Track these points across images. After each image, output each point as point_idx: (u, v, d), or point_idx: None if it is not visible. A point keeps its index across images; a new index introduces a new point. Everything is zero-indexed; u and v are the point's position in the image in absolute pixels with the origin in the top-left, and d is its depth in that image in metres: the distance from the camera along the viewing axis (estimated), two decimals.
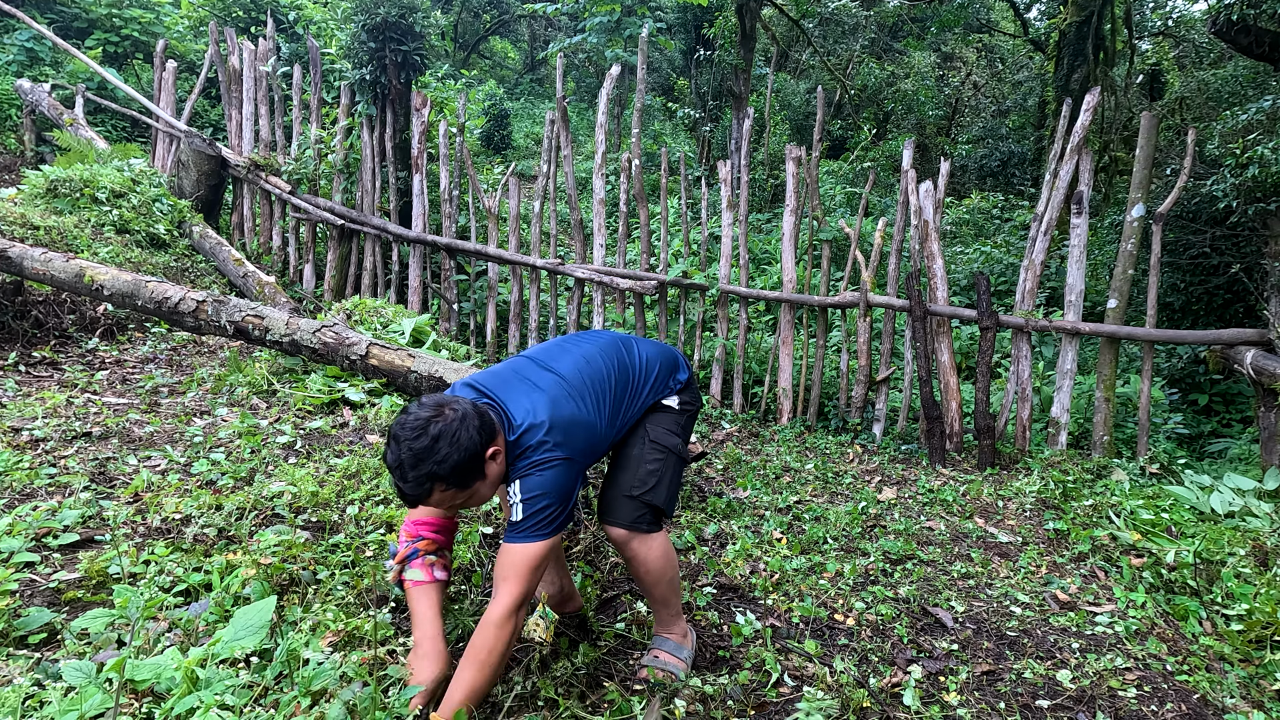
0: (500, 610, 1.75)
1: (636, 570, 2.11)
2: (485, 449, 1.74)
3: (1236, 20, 5.78)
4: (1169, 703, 2.27)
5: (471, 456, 1.71)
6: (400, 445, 1.69)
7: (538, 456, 1.82)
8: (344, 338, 4.22)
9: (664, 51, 17.11)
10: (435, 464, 1.67)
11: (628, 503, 2.06)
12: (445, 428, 1.69)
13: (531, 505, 1.79)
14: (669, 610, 2.22)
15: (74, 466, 2.82)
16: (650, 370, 2.21)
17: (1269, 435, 4.09)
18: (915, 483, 4.24)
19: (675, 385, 2.26)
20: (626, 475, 2.09)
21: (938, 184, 5.04)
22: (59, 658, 1.84)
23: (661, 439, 2.13)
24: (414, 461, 1.67)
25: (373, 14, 6.84)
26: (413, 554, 1.90)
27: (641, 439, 2.14)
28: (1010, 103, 16.70)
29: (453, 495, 1.75)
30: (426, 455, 1.67)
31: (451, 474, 1.70)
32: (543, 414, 1.86)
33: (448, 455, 1.68)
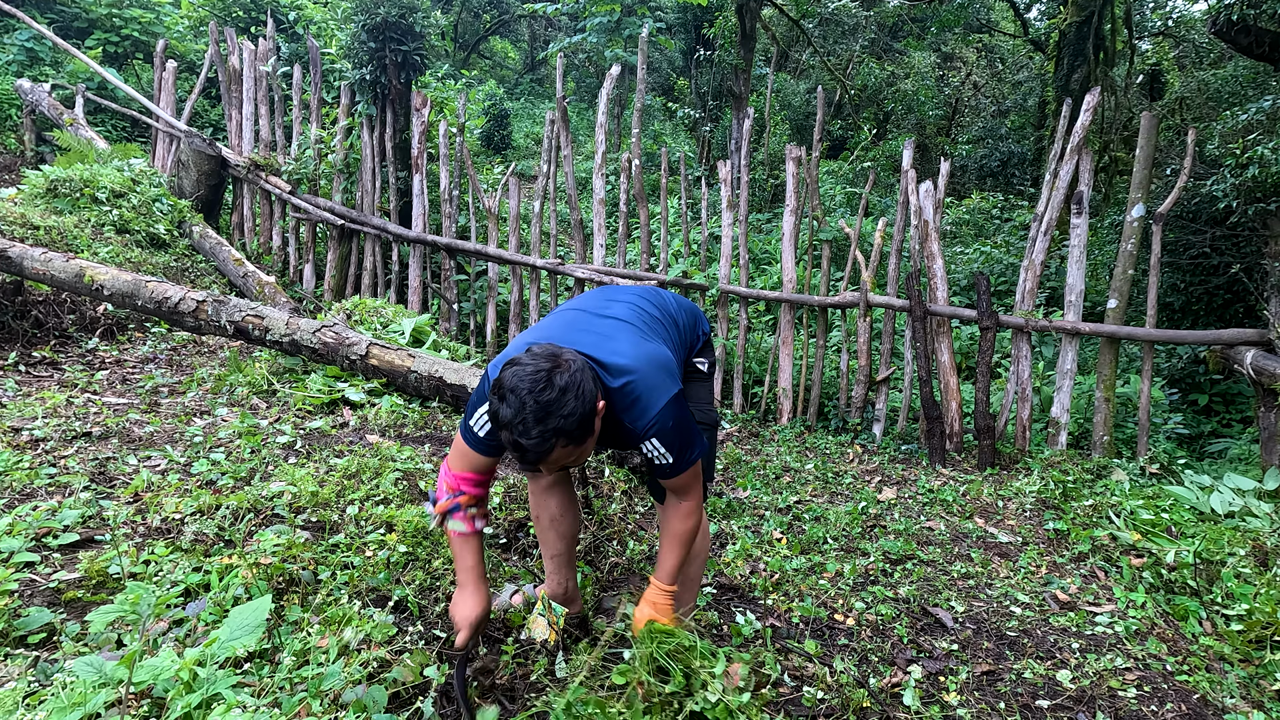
0: (689, 507, 1.95)
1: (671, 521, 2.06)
2: (595, 403, 1.65)
3: (1236, 20, 5.78)
4: (1169, 703, 2.27)
5: (593, 409, 1.62)
6: (523, 398, 1.56)
7: (653, 412, 1.77)
8: (344, 338, 4.22)
9: (664, 51, 17.11)
10: (562, 418, 1.57)
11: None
12: (571, 379, 1.58)
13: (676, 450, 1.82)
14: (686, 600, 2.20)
15: (74, 466, 2.82)
16: (682, 315, 2.24)
17: (1269, 435, 4.09)
18: (915, 483, 4.24)
19: (703, 336, 2.31)
20: None
21: (938, 184, 5.04)
22: (57, 658, 1.84)
23: (705, 416, 2.20)
24: (540, 415, 1.55)
25: (373, 14, 6.84)
26: (454, 508, 1.90)
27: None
28: (1010, 103, 16.70)
29: (568, 453, 1.64)
30: (554, 409, 1.56)
31: (577, 429, 1.59)
32: (638, 360, 1.80)
33: (575, 409, 1.57)
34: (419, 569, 2.43)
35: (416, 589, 2.33)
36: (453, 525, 1.91)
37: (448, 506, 1.90)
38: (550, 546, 2.26)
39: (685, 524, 1.96)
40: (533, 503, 2.27)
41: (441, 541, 2.57)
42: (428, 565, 2.46)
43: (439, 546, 2.55)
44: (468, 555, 1.91)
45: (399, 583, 2.34)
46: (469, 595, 1.89)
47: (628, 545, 2.99)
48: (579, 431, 1.60)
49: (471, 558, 1.91)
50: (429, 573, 2.43)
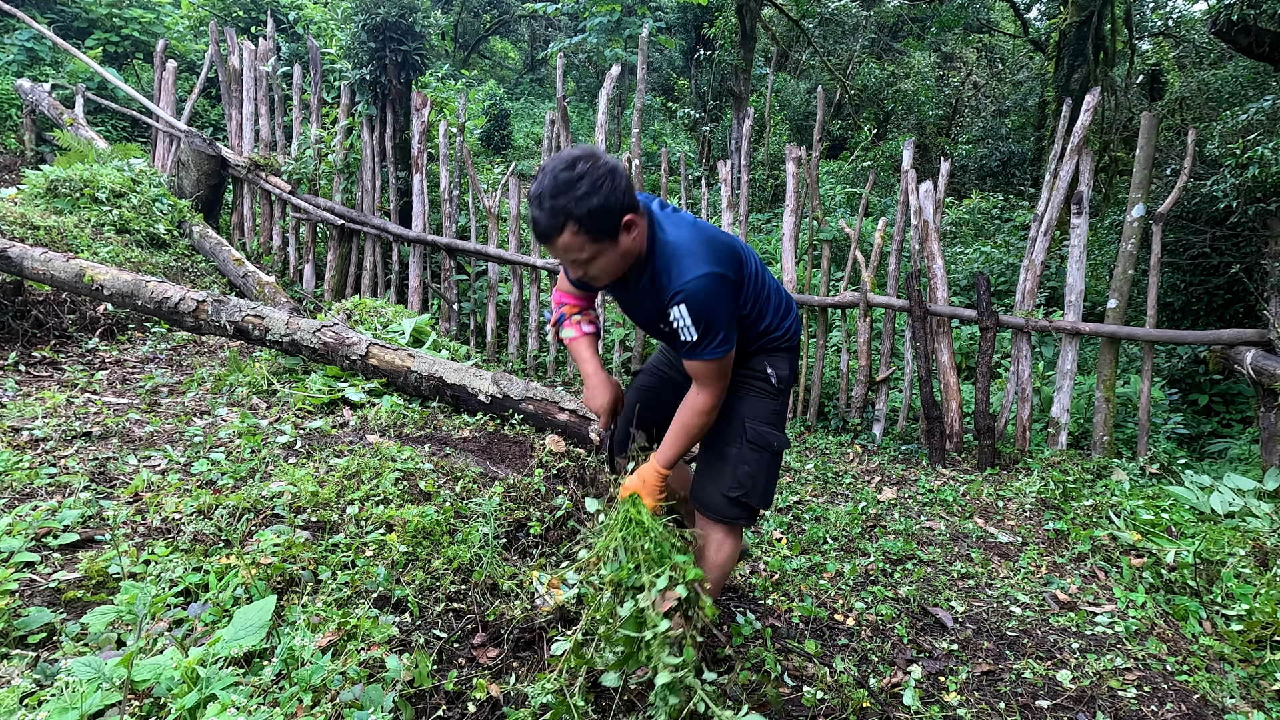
0: (703, 404, 1.93)
1: (706, 548, 2.08)
2: (624, 212, 1.73)
3: (1236, 20, 5.77)
4: (1169, 703, 2.27)
5: (610, 207, 1.70)
6: (546, 174, 1.70)
7: (691, 274, 1.78)
8: (344, 338, 4.21)
9: (664, 51, 17.10)
10: (574, 200, 1.67)
11: (725, 501, 2.06)
12: (591, 169, 1.69)
13: (701, 329, 1.80)
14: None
15: (74, 466, 2.82)
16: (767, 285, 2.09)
17: (1269, 435, 4.09)
18: (915, 483, 4.24)
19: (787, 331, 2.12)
20: (725, 474, 2.06)
21: (938, 184, 5.04)
22: (57, 658, 1.84)
23: (759, 438, 2.07)
24: (554, 191, 1.68)
25: (373, 14, 6.84)
26: (561, 318, 2.16)
27: (739, 434, 2.07)
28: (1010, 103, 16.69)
29: (580, 244, 1.73)
30: (567, 188, 1.67)
31: (586, 216, 1.68)
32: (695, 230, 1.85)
33: (587, 195, 1.67)
34: (419, 569, 2.43)
35: (416, 589, 2.33)
36: (565, 333, 2.19)
37: (555, 319, 2.20)
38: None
39: (695, 418, 1.94)
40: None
41: (441, 541, 2.57)
42: (428, 565, 2.46)
43: (439, 546, 2.55)
44: (584, 354, 2.18)
45: (399, 583, 2.34)
46: (597, 386, 2.18)
47: None
48: (589, 221, 1.69)
49: (588, 355, 2.18)
50: (429, 573, 2.43)
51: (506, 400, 3.95)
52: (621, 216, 1.73)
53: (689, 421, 1.95)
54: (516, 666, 2.14)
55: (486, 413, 3.99)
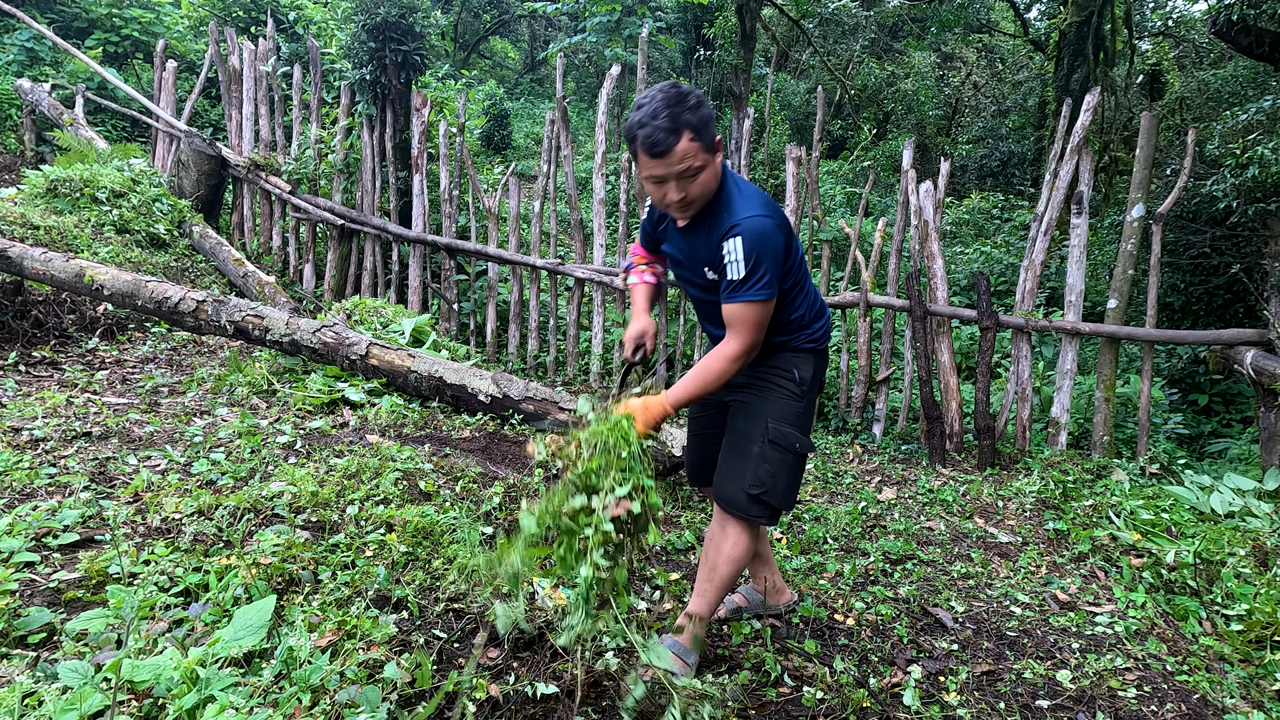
0: (731, 351, 1.96)
1: (722, 548, 2.12)
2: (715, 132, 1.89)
3: (1236, 20, 5.77)
4: (1169, 703, 2.27)
5: (710, 121, 1.86)
6: (651, 100, 1.84)
7: (750, 213, 1.90)
8: (344, 338, 4.21)
9: (664, 51, 17.09)
10: (689, 109, 1.82)
11: (745, 497, 2.09)
12: (692, 90, 1.86)
13: (750, 264, 1.88)
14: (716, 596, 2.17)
15: (74, 466, 2.82)
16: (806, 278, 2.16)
17: (1269, 435, 4.09)
18: (915, 483, 4.24)
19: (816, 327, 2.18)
20: (746, 471, 2.10)
21: (938, 184, 5.04)
22: (57, 658, 1.84)
23: (781, 439, 2.10)
24: (669, 103, 1.81)
25: (373, 14, 6.84)
26: (629, 265, 2.38)
27: (761, 434, 2.11)
28: (1010, 103, 16.69)
29: (695, 152, 1.84)
30: (681, 101, 1.82)
31: (699, 123, 1.83)
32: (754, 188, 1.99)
33: (697, 106, 1.83)
34: (419, 569, 2.43)
35: (416, 589, 2.33)
36: (631, 279, 2.38)
37: (626, 265, 2.42)
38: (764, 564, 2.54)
39: (719, 364, 1.97)
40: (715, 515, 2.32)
41: (442, 541, 2.57)
42: (428, 565, 2.46)
43: (439, 546, 2.55)
44: (637, 297, 2.35)
45: (399, 583, 2.34)
46: (633, 319, 2.34)
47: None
48: (704, 129, 1.84)
49: (639, 297, 2.35)
50: (429, 573, 2.43)
51: (506, 400, 3.95)
52: (715, 135, 1.89)
53: (712, 366, 1.98)
54: (516, 667, 2.14)
55: (486, 413, 3.99)
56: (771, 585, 2.57)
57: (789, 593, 2.63)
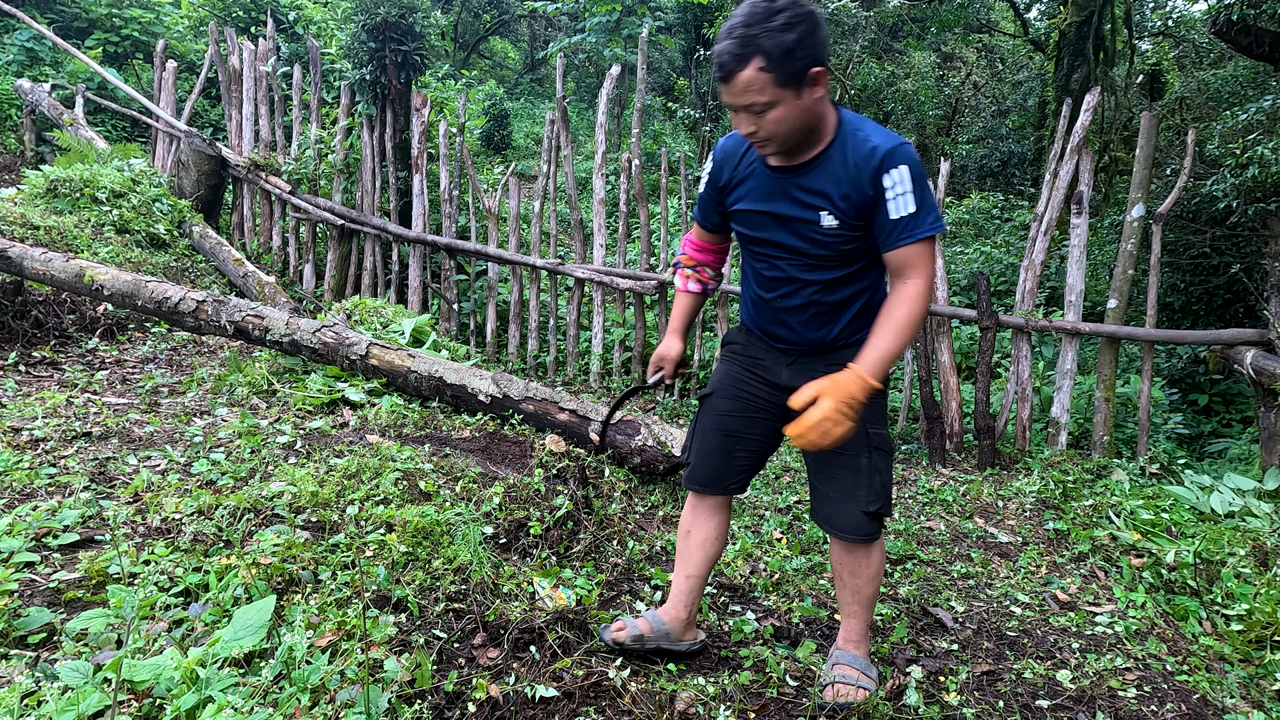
0: (920, 287, 1.69)
1: (861, 573, 2.03)
2: (815, 61, 1.60)
3: (1236, 20, 5.77)
4: (1169, 703, 2.27)
5: (802, 47, 1.57)
6: (742, 9, 1.60)
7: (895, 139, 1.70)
8: (344, 338, 4.22)
9: (664, 51, 17.10)
10: (766, 31, 1.56)
11: (864, 519, 1.95)
12: (793, 5, 1.58)
13: (922, 193, 1.67)
14: (869, 615, 2.11)
15: (74, 466, 2.82)
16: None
17: (1269, 435, 4.09)
18: (915, 483, 4.24)
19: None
20: (860, 491, 1.94)
21: (938, 184, 5.04)
22: (57, 658, 1.84)
23: (883, 443, 1.94)
24: (748, 20, 1.57)
25: (373, 14, 6.84)
26: (676, 264, 2.20)
27: (864, 442, 1.90)
28: (1010, 103, 16.69)
29: (763, 84, 1.58)
30: (764, 18, 1.56)
31: (775, 50, 1.56)
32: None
33: (782, 29, 1.55)
34: (419, 569, 2.43)
35: (416, 589, 2.33)
36: (676, 281, 2.22)
37: (675, 262, 2.22)
38: (691, 566, 2.19)
39: (908, 308, 1.68)
40: (692, 520, 2.18)
41: (441, 541, 2.57)
42: (428, 565, 2.46)
43: (439, 546, 2.55)
44: (677, 306, 2.21)
45: (399, 583, 2.34)
46: (669, 338, 2.21)
47: (628, 545, 2.99)
48: (778, 56, 1.56)
49: (678, 309, 2.21)
50: (429, 573, 2.43)
51: (506, 400, 3.95)
52: (811, 65, 1.60)
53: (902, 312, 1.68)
54: (516, 667, 2.14)
55: (486, 413, 3.99)
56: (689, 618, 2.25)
57: (696, 631, 2.30)
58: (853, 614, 2.13)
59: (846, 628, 2.16)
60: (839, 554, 2.07)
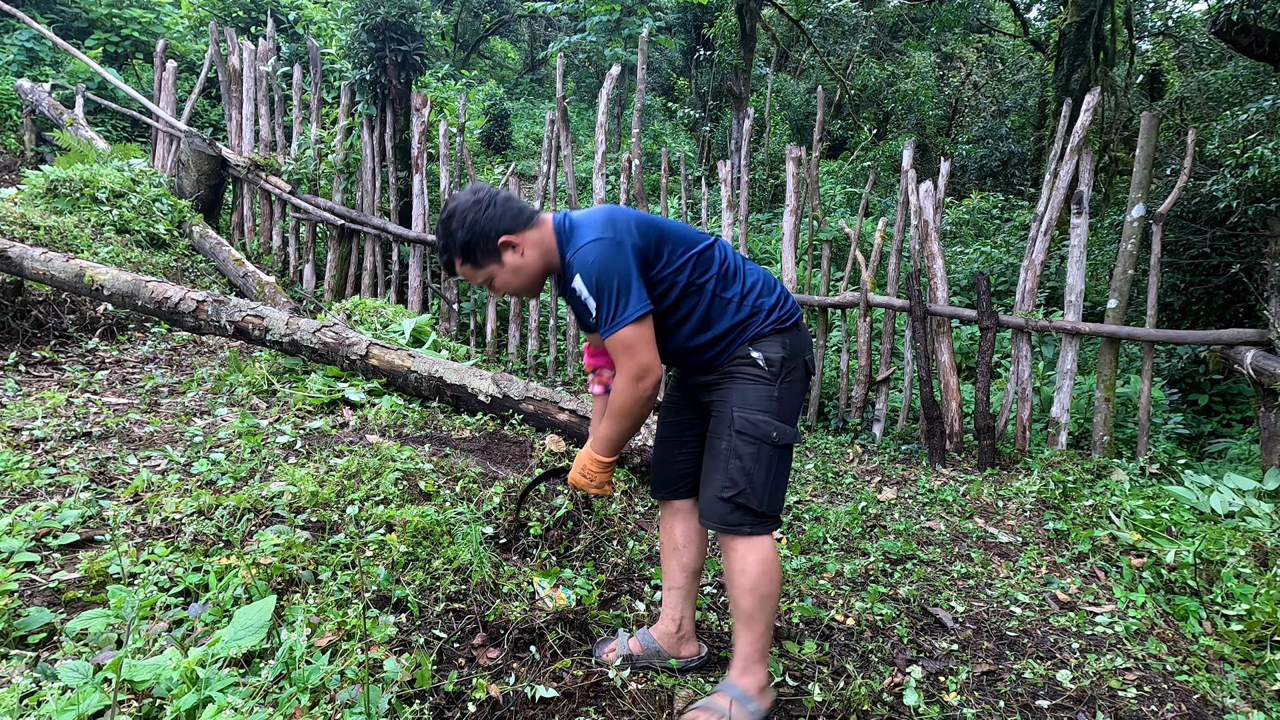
0: (624, 379, 1.87)
1: (734, 579, 1.95)
2: (499, 234, 1.89)
3: (1236, 20, 5.77)
4: (1169, 703, 2.27)
5: (479, 235, 1.88)
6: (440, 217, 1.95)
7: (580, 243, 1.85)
8: (344, 338, 4.21)
9: (664, 51, 17.10)
10: (446, 237, 1.92)
11: (720, 504, 1.92)
12: (457, 206, 1.91)
13: (597, 295, 1.82)
14: (752, 636, 1.95)
15: (74, 466, 2.82)
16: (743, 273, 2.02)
17: (1269, 435, 4.09)
18: (915, 483, 4.24)
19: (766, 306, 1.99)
20: (716, 473, 1.93)
21: (938, 184, 5.04)
22: (57, 658, 1.84)
23: (750, 428, 1.90)
24: (439, 232, 1.95)
25: (373, 14, 6.84)
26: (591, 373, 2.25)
27: (727, 426, 1.93)
28: (1010, 103, 16.68)
29: (470, 272, 1.95)
30: (441, 229, 1.94)
31: (461, 249, 1.91)
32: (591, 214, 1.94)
33: (454, 231, 1.90)
34: (419, 569, 2.43)
35: (416, 589, 2.33)
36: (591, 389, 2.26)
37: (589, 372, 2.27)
38: (671, 577, 2.23)
39: (618, 400, 1.88)
40: (661, 528, 2.27)
41: (441, 541, 2.57)
42: (428, 565, 2.46)
43: (439, 546, 2.55)
44: (596, 410, 2.29)
45: (399, 583, 2.34)
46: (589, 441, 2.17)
47: (628, 545, 2.99)
48: (464, 253, 1.91)
49: (596, 410, 2.29)
50: (429, 573, 2.43)
51: (506, 400, 3.95)
52: (497, 240, 1.89)
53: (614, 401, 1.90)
54: (516, 667, 2.14)
55: (486, 413, 3.99)
56: (681, 631, 2.24)
57: (697, 644, 2.29)
58: (735, 630, 1.99)
59: (735, 648, 2.00)
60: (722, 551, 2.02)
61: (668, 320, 1.98)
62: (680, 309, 1.97)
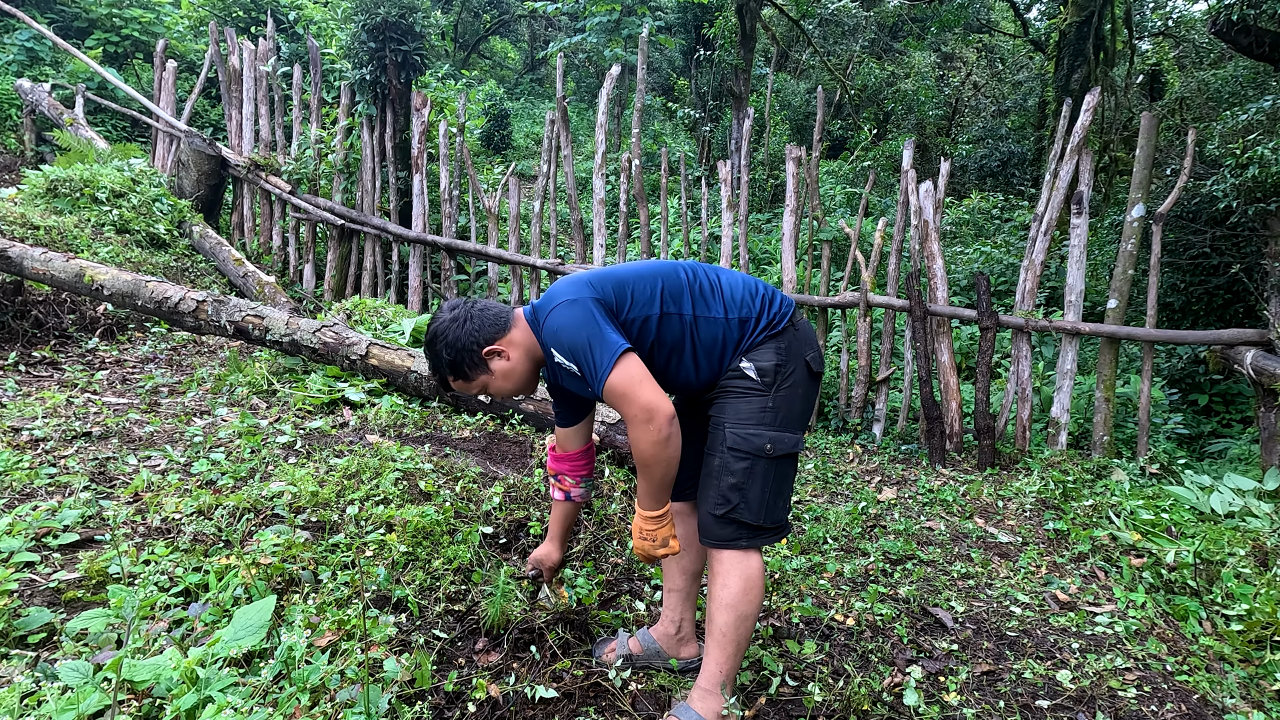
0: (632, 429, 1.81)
1: (715, 593, 1.90)
2: (481, 346, 1.95)
3: (1236, 20, 5.77)
4: (1169, 703, 2.27)
5: (462, 352, 1.95)
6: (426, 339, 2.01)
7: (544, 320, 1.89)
8: (344, 338, 4.22)
9: (664, 51, 17.10)
10: (434, 359, 2.00)
11: (714, 521, 1.90)
12: (438, 329, 1.97)
13: (575, 358, 1.82)
14: (722, 658, 1.90)
15: (74, 466, 2.82)
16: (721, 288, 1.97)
17: (1269, 435, 4.09)
18: (915, 483, 4.24)
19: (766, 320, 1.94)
20: (710, 490, 1.91)
21: (938, 184, 5.04)
22: (57, 658, 1.84)
23: (741, 443, 1.87)
24: (428, 350, 2.01)
25: (373, 14, 6.84)
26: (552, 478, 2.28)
27: (721, 443, 1.90)
28: (1010, 103, 16.69)
29: (464, 386, 2.02)
30: (428, 353, 2.01)
31: (450, 369, 1.98)
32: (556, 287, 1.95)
33: (440, 353, 1.97)
34: (419, 569, 2.43)
35: (416, 589, 2.33)
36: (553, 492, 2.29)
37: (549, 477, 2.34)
38: (670, 580, 2.23)
39: (638, 445, 1.78)
40: None
41: (441, 541, 2.57)
42: (428, 565, 2.46)
43: (439, 546, 2.55)
44: (554, 516, 2.32)
45: (399, 583, 2.34)
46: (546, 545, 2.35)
47: (628, 545, 2.99)
48: (454, 371, 1.98)
49: (554, 517, 2.31)
50: (429, 573, 2.43)
51: (507, 400, 3.95)
52: (480, 352, 1.95)
53: (635, 451, 1.82)
54: (516, 667, 2.14)
55: (486, 413, 3.99)
56: (681, 633, 2.24)
57: (697, 645, 2.27)
58: (706, 647, 1.94)
59: (702, 667, 1.95)
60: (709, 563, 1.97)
61: (658, 359, 1.92)
62: (665, 344, 1.92)
